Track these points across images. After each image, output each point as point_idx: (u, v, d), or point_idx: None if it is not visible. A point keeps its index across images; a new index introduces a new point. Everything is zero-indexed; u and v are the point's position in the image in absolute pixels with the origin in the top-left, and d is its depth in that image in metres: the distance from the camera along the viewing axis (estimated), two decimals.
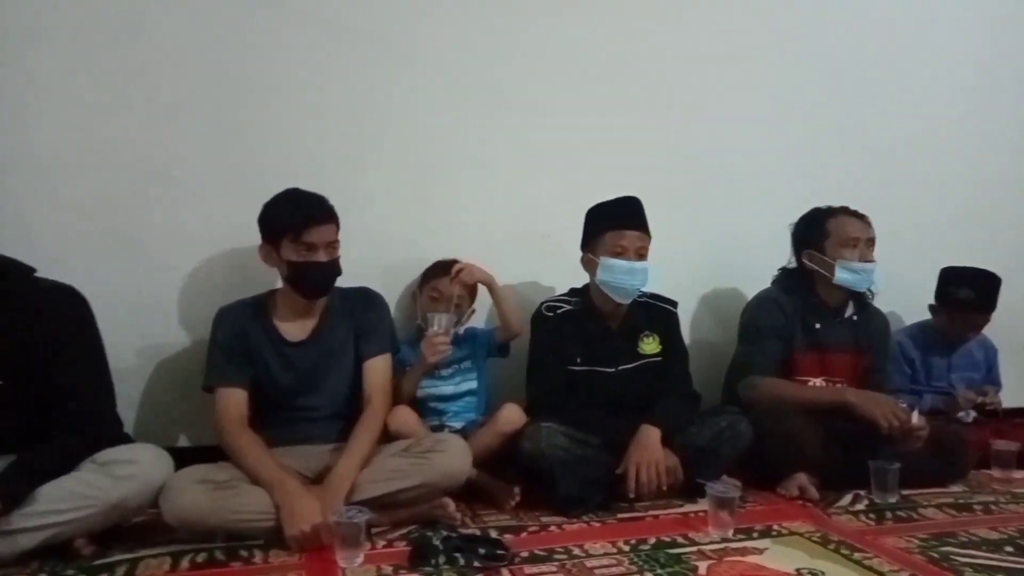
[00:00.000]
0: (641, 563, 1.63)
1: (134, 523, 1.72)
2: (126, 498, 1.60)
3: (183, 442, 2.19)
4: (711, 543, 1.75)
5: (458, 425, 2.18)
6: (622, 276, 2.12)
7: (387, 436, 1.97)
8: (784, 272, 2.45)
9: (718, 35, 2.71)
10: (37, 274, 1.73)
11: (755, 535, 1.81)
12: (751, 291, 2.52)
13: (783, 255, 2.47)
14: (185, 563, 1.60)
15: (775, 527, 1.86)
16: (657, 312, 2.29)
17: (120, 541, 1.67)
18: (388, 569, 1.58)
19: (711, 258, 2.69)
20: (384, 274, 2.33)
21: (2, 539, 1.52)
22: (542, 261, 2.50)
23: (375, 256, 2.27)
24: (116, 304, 1.91)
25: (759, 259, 2.55)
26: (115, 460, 1.63)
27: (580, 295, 2.25)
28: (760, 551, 1.71)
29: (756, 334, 2.31)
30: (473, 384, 2.24)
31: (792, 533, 1.83)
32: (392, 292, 2.34)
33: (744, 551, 1.71)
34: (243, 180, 2.20)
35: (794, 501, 2.07)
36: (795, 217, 2.43)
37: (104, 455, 1.64)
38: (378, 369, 2.02)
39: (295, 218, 1.89)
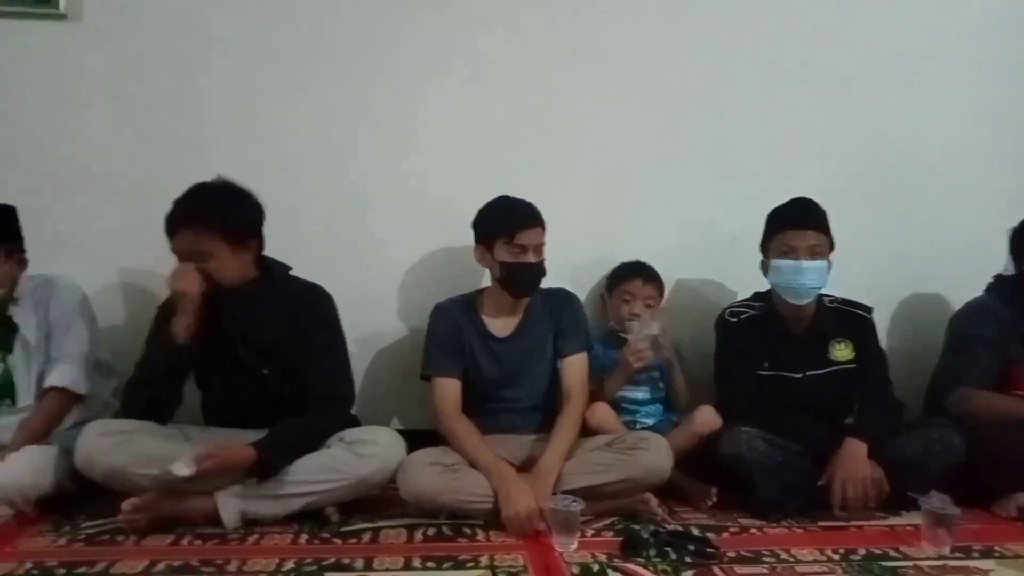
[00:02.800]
0: (854, 573, 1.62)
1: (368, 496, 1.92)
2: (370, 474, 1.82)
3: (395, 425, 2.40)
4: (927, 559, 1.71)
5: (649, 422, 2.24)
6: (790, 276, 2.09)
7: (585, 430, 2.07)
8: (1000, 279, 2.29)
9: (921, 26, 2.56)
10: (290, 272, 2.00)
11: (975, 554, 1.74)
12: (956, 298, 2.40)
13: (996, 261, 2.32)
14: (419, 535, 1.79)
15: (997, 548, 1.78)
16: (849, 318, 2.22)
17: (360, 511, 1.88)
18: (602, 556, 1.67)
19: (911, 262, 2.56)
20: (573, 273, 2.43)
21: (273, 502, 1.78)
22: (729, 264, 2.48)
23: (565, 256, 2.34)
24: (340, 298, 2.12)
25: (966, 265, 2.41)
26: (360, 440, 1.85)
27: (764, 299, 2.24)
28: (984, 572, 1.64)
29: (968, 344, 2.19)
30: (663, 392, 2.29)
31: (1018, 556, 1.74)
32: (581, 291, 2.42)
33: (966, 570, 1.65)
34: (446, 185, 2.39)
35: (1013, 522, 1.96)
36: (1013, 221, 2.26)
37: (350, 434, 1.87)
38: (576, 366, 2.13)
39: (508, 222, 2.05)
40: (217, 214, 1.81)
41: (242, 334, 1.88)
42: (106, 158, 2.29)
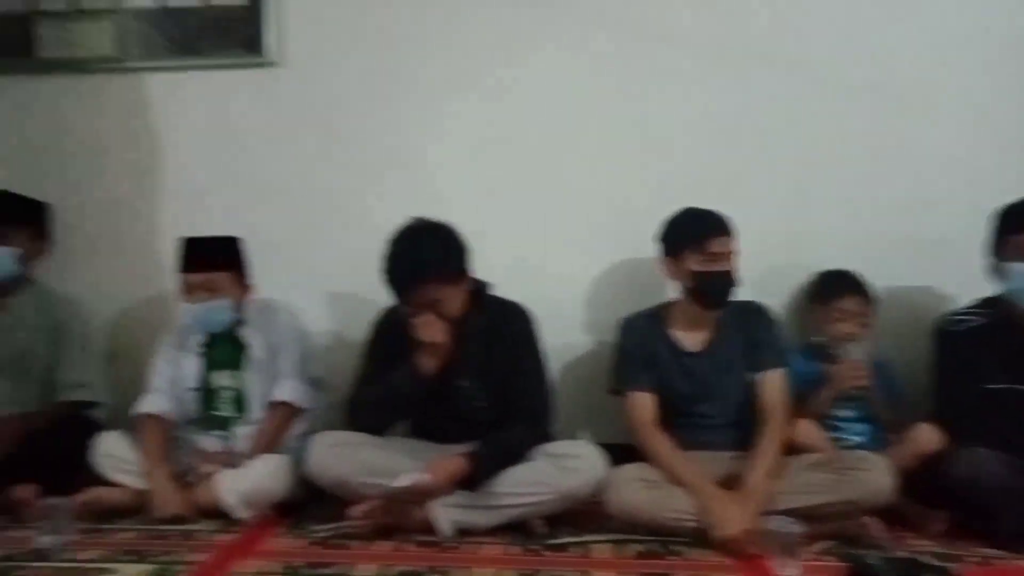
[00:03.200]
0: None
1: (570, 508, 1.92)
2: (576, 488, 1.84)
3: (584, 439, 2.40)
4: None
5: (857, 440, 2.10)
6: None
7: (789, 448, 1.97)
8: None
9: None
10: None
11: None
12: None
13: None
14: (627, 551, 1.78)
15: None
16: None
17: (563, 524, 1.89)
18: None
19: None
20: (760, 282, 2.31)
21: (484, 513, 1.85)
22: (938, 269, 2.30)
23: (751, 266, 2.21)
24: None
25: None
26: (564, 454, 1.88)
27: (992, 306, 2.04)
28: None
29: None
30: (869, 411, 2.14)
31: None
32: (770, 301, 2.30)
33: None
34: (630, 197, 2.39)
35: None
36: None
37: (554, 448, 1.90)
38: (774, 383, 2.04)
39: (699, 231, 2.02)
40: (450, 266, 1.90)
41: (462, 367, 1.96)
42: (318, 191, 2.49)
